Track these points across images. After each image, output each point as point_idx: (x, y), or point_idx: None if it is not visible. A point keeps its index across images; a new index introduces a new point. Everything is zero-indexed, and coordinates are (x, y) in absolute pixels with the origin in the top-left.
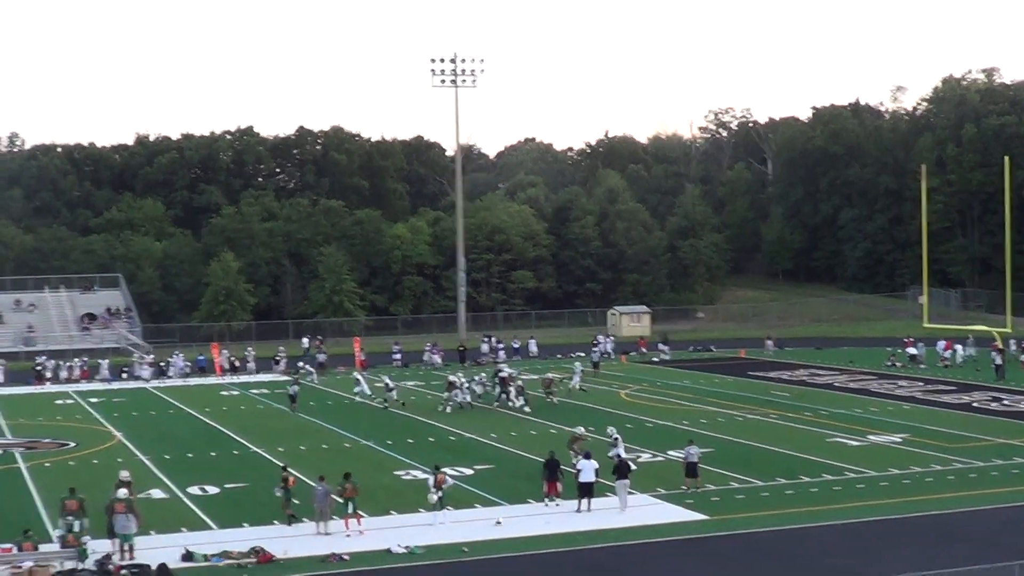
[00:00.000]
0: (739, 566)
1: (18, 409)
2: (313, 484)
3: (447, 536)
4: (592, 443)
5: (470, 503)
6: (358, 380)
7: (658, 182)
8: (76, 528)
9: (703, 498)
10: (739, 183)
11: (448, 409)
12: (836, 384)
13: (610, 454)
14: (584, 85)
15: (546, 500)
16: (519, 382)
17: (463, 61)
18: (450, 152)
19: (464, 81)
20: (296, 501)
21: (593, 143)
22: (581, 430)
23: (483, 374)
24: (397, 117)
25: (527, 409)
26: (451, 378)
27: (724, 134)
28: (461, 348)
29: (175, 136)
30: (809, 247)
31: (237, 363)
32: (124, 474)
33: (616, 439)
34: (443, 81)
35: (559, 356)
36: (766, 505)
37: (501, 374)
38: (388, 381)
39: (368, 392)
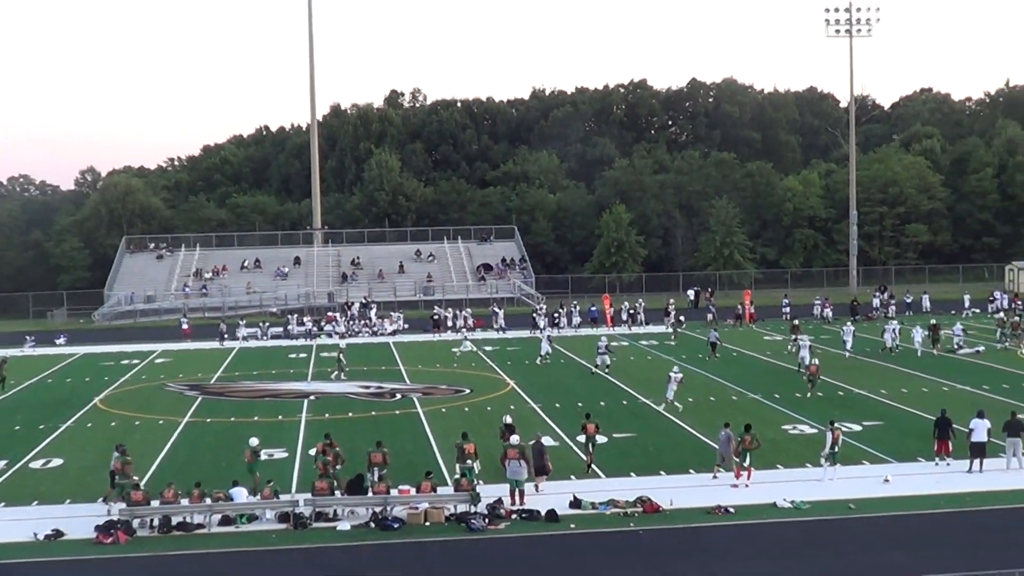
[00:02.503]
0: None
1: (416, 356)
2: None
3: (834, 492)
4: (986, 402)
5: (858, 460)
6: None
7: None
8: (475, 470)
9: None
10: None
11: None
12: None
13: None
14: (983, 32)
15: (937, 459)
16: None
17: (858, 10)
18: (843, 103)
19: (859, 30)
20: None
21: (992, 92)
22: (509, 419)
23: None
24: (790, 68)
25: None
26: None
27: None
28: (854, 302)
29: (569, 90)
30: None
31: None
32: (507, 419)
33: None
34: (837, 31)
35: (952, 312)
36: None
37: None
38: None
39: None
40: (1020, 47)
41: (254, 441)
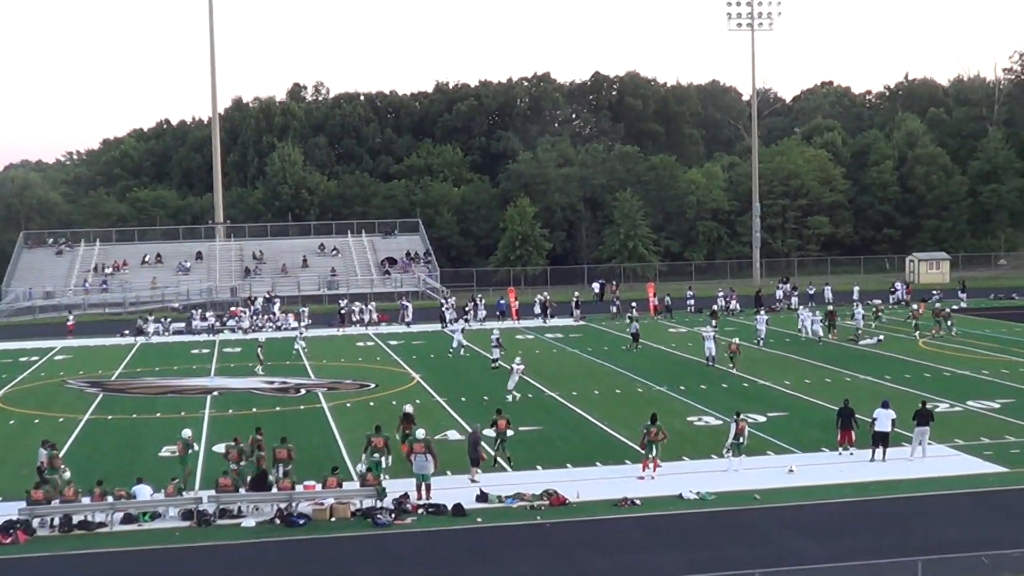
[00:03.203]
0: None
1: (321, 351)
2: None
3: (739, 483)
4: (888, 392)
5: (763, 450)
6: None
7: (959, 125)
8: (383, 465)
9: (1003, 450)
10: None
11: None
12: None
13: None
14: (883, 26)
15: (840, 449)
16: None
17: (760, 4)
18: (746, 96)
19: (761, 24)
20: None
21: (892, 86)
22: (410, 408)
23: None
24: (693, 61)
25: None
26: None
27: None
28: (759, 293)
29: (473, 83)
30: None
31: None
32: (408, 408)
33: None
34: (739, 25)
35: (855, 302)
36: None
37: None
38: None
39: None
40: (919, 41)
41: (187, 433)
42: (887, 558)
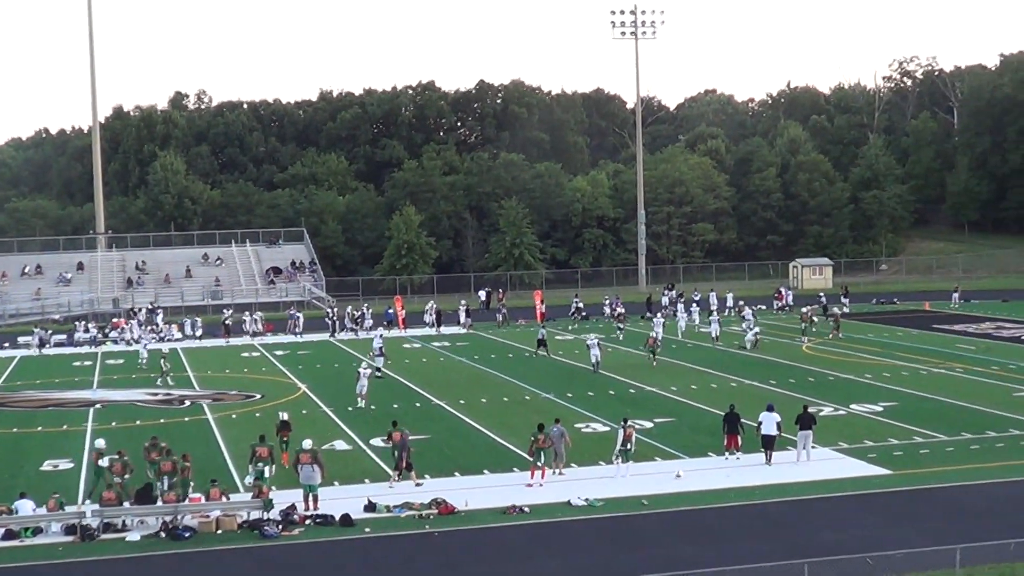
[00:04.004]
0: (921, 522)
1: (206, 362)
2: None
3: (627, 489)
4: (772, 396)
5: (650, 456)
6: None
7: (841, 133)
8: (266, 475)
9: (886, 453)
10: (924, 133)
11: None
12: None
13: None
14: (765, 35)
15: (727, 454)
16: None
17: (643, 12)
18: (630, 104)
19: (644, 33)
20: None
21: (775, 94)
22: (286, 415)
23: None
24: (577, 70)
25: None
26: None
27: (909, 83)
28: (649, 299)
29: (357, 92)
30: (996, 198)
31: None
32: (283, 415)
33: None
34: (623, 33)
35: (742, 303)
36: (950, 460)
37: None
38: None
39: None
40: (801, 49)
41: (100, 443)
42: (774, 561)
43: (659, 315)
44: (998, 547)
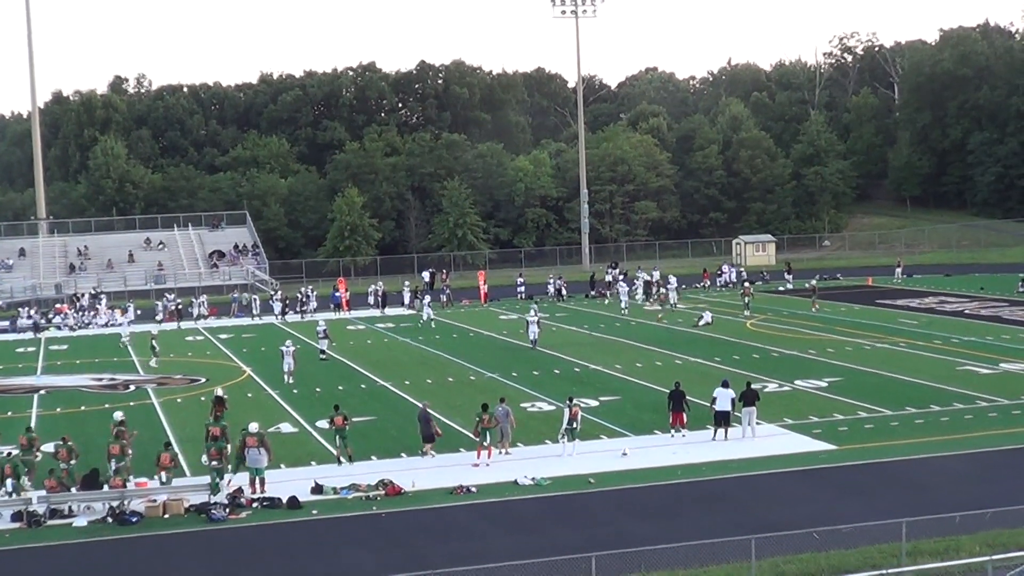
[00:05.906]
0: (866, 496)
1: (149, 346)
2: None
3: (573, 468)
4: (719, 373)
5: (596, 435)
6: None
7: (782, 109)
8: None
9: (831, 428)
10: (865, 109)
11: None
12: (967, 311)
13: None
14: (706, 13)
15: (672, 431)
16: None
17: None
18: (571, 83)
19: (585, 11)
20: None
21: (716, 71)
22: (221, 391)
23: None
24: (518, 49)
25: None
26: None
27: (849, 59)
28: (593, 277)
29: (298, 74)
30: (938, 172)
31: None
32: (219, 391)
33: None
34: (564, 12)
35: (683, 286)
36: (895, 435)
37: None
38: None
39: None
40: (741, 26)
41: (118, 415)
42: (721, 537)
43: (621, 284)
44: (943, 520)
